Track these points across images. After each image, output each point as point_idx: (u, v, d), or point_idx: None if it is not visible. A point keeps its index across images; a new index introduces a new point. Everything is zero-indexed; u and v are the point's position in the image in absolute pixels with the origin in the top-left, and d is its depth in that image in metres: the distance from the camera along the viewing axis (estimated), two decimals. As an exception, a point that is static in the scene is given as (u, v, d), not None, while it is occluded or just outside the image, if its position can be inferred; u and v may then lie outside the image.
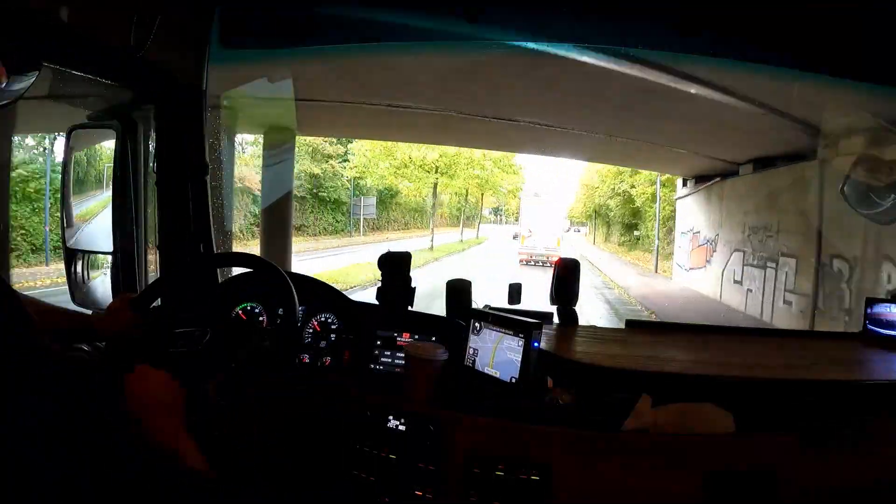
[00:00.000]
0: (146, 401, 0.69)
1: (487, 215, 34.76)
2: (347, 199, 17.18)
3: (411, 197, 21.58)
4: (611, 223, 21.98)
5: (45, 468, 0.39)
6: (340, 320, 1.37)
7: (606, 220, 22.22)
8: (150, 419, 0.68)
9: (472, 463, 1.09)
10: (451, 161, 15.91)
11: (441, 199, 24.33)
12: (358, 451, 1.18)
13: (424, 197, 20.63)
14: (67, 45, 1.04)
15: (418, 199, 22.23)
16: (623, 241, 19.91)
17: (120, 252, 1.38)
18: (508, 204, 34.67)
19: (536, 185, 20.92)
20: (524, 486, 1.06)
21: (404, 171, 15.71)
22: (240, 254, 1.22)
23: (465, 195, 20.22)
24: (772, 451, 1.08)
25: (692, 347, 1.39)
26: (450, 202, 23.25)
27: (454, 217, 24.30)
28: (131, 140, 1.37)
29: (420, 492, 1.11)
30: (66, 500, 0.40)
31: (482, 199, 23.29)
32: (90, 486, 0.42)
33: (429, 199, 19.81)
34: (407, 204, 22.12)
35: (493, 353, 1.11)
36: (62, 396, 0.43)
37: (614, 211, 19.21)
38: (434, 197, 18.74)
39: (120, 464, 0.45)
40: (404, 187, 18.54)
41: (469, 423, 1.11)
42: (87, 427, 0.44)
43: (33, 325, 0.45)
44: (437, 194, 20.61)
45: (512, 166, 17.74)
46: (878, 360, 1.34)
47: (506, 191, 20.63)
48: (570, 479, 1.06)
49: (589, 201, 22.39)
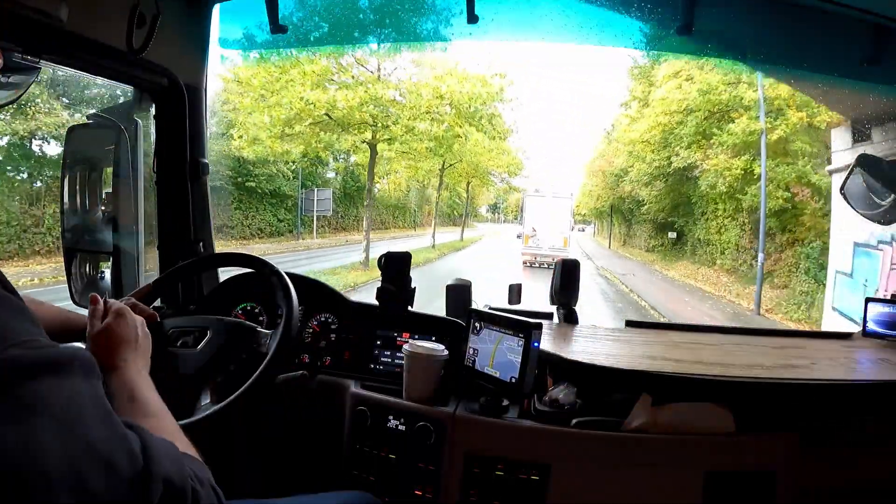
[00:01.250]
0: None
1: (484, 213, 32.08)
2: (294, 191, 13.10)
3: (390, 191, 17.81)
4: (633, 221, 17.29)
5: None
6: (340, 320, 1.37)
7: (628, 216, 17.58)
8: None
9: (471, 463, 1.09)
10: (384, 110, 9.58)
11: (427, 193, 20.54)
12: (358, 451, 1.18)
13: (407, 192, 16.76)
14: (67, 44, 1.04)
15: (398, 194, 18.46)
16: (655, 247, 15.40)
17: (120, 252, 1.38)
18: (507, 201, 31.72)
19: (536, 177, 19.14)
20: (524, 486, 1.06)
21: (300, 126, 9.42)
22: (240, 254, 1.22)
23: (443, 185, 15.76)
24: (772, 451, 1.08)
25: (692, 347, 1.38)
26: (441, 198, 19.13)
27: (446, 215, 20.61)
28: (131, 140, 1.37)
29: (420, 492, 1.11)
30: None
31: (469, 189, 18.70)
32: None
33: (416, 192, 16.33)
34: (384, 200, 18.21)
35: (493, 353, 1.11)
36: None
37: (650, 203, 14.28)
38: (439, 185, 15.11)
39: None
40: (384, 182, 14.75)
41: (469, 423, 1.11)
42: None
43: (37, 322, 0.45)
44: (425, 187, 17.19)
45: (498, 125, 13.11)
46: (878, 360, 1.34)
47: (499, 178, 16.58)
48: (570, 479, 1.06)
49: (604, 192, 17.88)
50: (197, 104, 1.42)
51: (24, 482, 0.38)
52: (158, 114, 1.41)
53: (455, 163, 13.31)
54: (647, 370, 1.13)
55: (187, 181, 1.44)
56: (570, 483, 1.06)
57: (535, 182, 18.30)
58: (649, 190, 14.06)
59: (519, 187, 17.77)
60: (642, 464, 1.07)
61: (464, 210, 21.35)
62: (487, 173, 15.72)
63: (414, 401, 1.15)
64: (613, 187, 17.19)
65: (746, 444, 1.09)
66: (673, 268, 13.38)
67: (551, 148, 60.72)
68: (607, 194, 18.07)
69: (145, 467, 0.45)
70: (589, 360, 1.14)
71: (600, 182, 18.21)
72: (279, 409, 1.19)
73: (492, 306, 1.41)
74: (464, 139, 10.80)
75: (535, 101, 57.03)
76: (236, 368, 1.00)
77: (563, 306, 1.57)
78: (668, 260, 14.29)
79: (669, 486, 1.06)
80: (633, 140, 13.76)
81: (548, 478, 1.06)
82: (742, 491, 1.07)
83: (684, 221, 13.94)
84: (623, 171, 15.88)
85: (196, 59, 1.41)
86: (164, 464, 0.47)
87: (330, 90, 9.28)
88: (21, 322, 0.43)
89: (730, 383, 1.11)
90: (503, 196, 29.58)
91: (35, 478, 0.38)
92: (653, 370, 1.14)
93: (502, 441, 1.09)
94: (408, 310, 1.34)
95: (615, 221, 19.99)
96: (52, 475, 0.39)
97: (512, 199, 30.21)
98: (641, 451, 1.07)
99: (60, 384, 0.42)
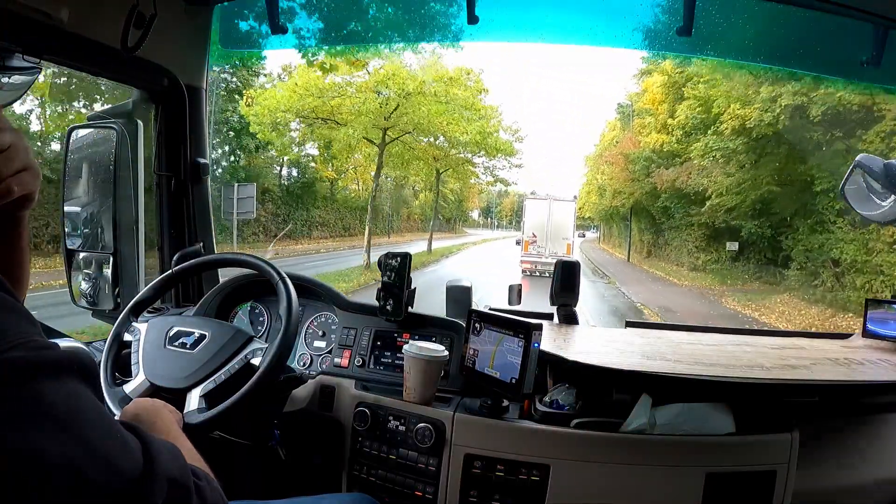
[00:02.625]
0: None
1: (476, 218, 27.74)
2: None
3: (359, 190, 13.21)
4: (661, 228, 12.37)
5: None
6: (340, 320, 1.37)
7: (659, 219, 12.37)
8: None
9: (471, 463, 1.09)
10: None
11: (404, 195, 15.57)
12: (358, 451, 1.18)
13: (369, 189, 11.92)
14: (68, 44, 1.04)
15: (363, 194, 13.48)
16: (707, 263, 10.12)
17: (120, 252, 1.38)
18: (502, 204, 28.05)
19: (536, 177, 16.87)
20: (523, 487, 1.06)
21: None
22: (240, 254, 1.22)
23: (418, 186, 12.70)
24: (772, 451, 1.08)
25: (692, 348, 1.38)
26: (425, 200, 15.64)
27: (430, 219, 16.13)
28: (131, 140, 1.37)
29: (420, 492, 1.11)
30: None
31: (438, 182, 14.22)
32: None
33: (392, 193, 11.83)
34: (350, 201, 14.11)
35: (493, 353, 1.11)
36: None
37: (719, 195, 8.79)
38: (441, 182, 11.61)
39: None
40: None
41: (469, 423, 1.11)
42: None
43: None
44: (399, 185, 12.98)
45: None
46: (878, 361, 1.34)
47: (482, 169, 12.93)
48: (570, 480, 1.06)
49: (626, 185, 13.03)
50: (197, 104, 1.42)
51: (25, 483, 0.38)
52: (158, 114, 1.41)
53: (403, 114, 9.97)
54: (647, 371, 1.13)
55: (187, 182, 1.44)
56: (569, 484, 1.06)
57: (535, 183, 16.55)
58: (721, 172, 8.70)
59: (507, 180, 15.08)
60: (642, 464, 1.07)
61: (432, 210, 15.93)
62: (456, 149, 11.81)
63: (414, 401, 1.15)
64: (640, 178, 12.16)
65: (746, 445, 1.09)
66: (768, 306, 7.42)
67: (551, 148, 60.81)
68: (629, 189, 13.07)
69: (148, 468, 0.45)
70: (589, 361, 1.14)
71: (619, 173, 13.47)
72: (278, 410, 1.19)
73: (492, 307, 1.41)
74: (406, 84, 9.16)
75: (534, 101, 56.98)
76: (228, 378, 1.00)
77: (562, 307, 1.57)
78: (720, 280, 8.91)
79: (669, 486, 1.06)
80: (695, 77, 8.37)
81: (547, 478, 1.06)
82: (742, 491, 1.07)
83: (783, 226, 7.96)
84: (660, 153, 11.05)
85: (196, 59, 1.41)
86: (167, 464, 0.47)
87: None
88: (18, 322, 0.43)
89: (730, 384, 1.11)
90: (497, 200, 26.50)
91: (36, 479, 0.38)
92: (653, 371, 1.13)
93: (502, 442, 1.09)
94: (408, 310, 1.34)
95: (639, 224, 14.40)
96: (53, 476, 0.39)
97: (507, 202, 27.13)
98: (641, 452, 1.07)
99: (60, 386, 0.42)
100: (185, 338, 1.06)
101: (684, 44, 1.37)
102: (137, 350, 1.07)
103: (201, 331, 1.06)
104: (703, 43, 1.43)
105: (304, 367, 1.36)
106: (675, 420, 1.08)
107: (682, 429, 1.08)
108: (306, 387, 1.24)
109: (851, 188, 1.24)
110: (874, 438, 1.24)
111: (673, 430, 1.07)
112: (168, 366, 1.03)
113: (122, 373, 1.09)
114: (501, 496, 1.07)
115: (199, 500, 0.49)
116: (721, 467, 1.07)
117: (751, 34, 1.46)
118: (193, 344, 1.04)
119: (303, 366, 1.37)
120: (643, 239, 13.85)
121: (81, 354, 0.46)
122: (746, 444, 1.08)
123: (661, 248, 12.48)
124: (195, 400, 0.97)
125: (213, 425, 0.96)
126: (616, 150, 13.77)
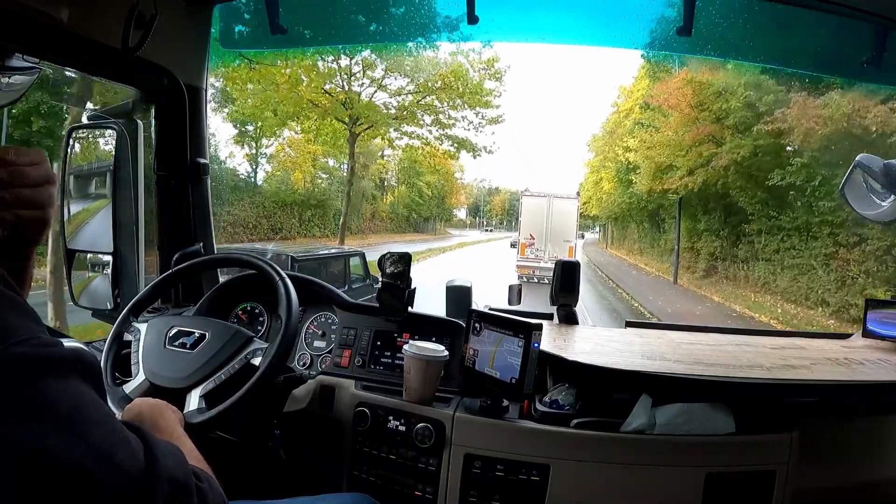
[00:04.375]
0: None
1: (463, 217, 23.59)
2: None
3: (298, 180, 9.77)
4: (745, 231, 7.68)
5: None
6: (340, 320, 1.37)
7: (723, 219, 8.15)
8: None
9: (471, 463, 1.09)
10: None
11: (364, 186, 11.08)
12: (358, 451, 1.18)
13: (317, 181, 8.92)
14: (68, 45, 1.04)
15: (314, 190, 10.24)
16: (797, 286, 6.41)
17: (120, 252, 1.39)
18: (491, 202, 22.44)
19: (536, 177, 14.10)
20: (523, 487, 1.06)
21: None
22: (240, 254, 1.22)
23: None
24: (772, 451, 1.08)
25: (692, 348, 1.38)
26: (397, 195, 12.39)
27: (403, 218, 13.35)
28: (131, 140, 1.37)
29: (420, 492, 1.11)
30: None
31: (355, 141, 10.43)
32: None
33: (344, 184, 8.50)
34: (278, 193, 10.56)
35: (493, 353, 1.11)
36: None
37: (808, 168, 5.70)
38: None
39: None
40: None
41: (469, 423, 1.11)
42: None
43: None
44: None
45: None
46: (878, 361, 1.34)
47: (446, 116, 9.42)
48: (570, 480, 1.06)
49: (672, 161, 8.99)
50: (197, 104, 1.42)
51: (26, 478, 0.38)
52: (158, 114, 1.41)
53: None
54: (646, 371, 1.13)
55: (187, 181, 1.44)
56: (569, 484, 1.06)
57: (534, 183, 15.41)
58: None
59: (473, 144, 11.40)
60: (642, 465, 1.07)
61: (433, 212, 13.46)
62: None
63: (414, 401, 1.15)
64: (736, 126, 7.35)
65: (746, 445, 1.09)
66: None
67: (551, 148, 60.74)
68: (699, 154, 8.17)
69: (150, 467, 0.45)
70: (589, 361, 1.14)
71: (683, 127, 8.66)
72: (279, 410, 1.19)
73: (492, 307, 1.41)
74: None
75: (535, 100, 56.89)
76: (228, 378, 1.00)
77: (562, 307, 1.57)
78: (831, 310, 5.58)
79: (669, 486, 1.06)
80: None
81: (547, 478, 1.06)
82: (742, 491, 1.07)
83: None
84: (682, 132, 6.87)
85: (196, 59, 1.41)
86: (168, 464, 0.47)
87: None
88: (23, 319, 0.43)
89: (730, 384, 1.11)
90: (486, 197, 23.61)
91: (38, 474, 0.38)
92: (653, 371, 1.14)
93: (502, 442, 1.09)
94: (408, 310, 1.34)
95: (693, 223, 9.23)
96: (55, 472, 0.39)
97: (497, 200, 24.22)
98: (641, 452, 1.07)
99: (64, 384, 0.42)
100: (184, 338, 1.06)
101: (684, 44, 1.37)
102: (137, 350, 1.07)
103: (201, 331, 1.06)
104: (703, 43, 1.43)
105: (304, 368, 1.36)
106: (674, 420, 1.08)
107: (681, 429, 1.08)
108: (306, 387, 1.24)
109: (851, 188, 1.24)
110: (874, 438, 1.24)
111: (673, 430, 1.07)
112: (168, 366, 1.03)
113: (122, 373, 1.09)
114: (501, 496, 1.07)
115: (200, 500, 0.49)
116: (721, 467, 1.07)
117: (751, 34, 1.46)
118: (193, 344, 1.05)
119: (303, 366, 1.37)
120: (696, 247, 8.70)
121: (85, 354, 0.46)
122: (746, 444, 1.08)
123: (741, 264, 7.48)
124: (195, 400, 0.97)
125: (213, 425, 0.96)
126: (673, 85, 8.05)
